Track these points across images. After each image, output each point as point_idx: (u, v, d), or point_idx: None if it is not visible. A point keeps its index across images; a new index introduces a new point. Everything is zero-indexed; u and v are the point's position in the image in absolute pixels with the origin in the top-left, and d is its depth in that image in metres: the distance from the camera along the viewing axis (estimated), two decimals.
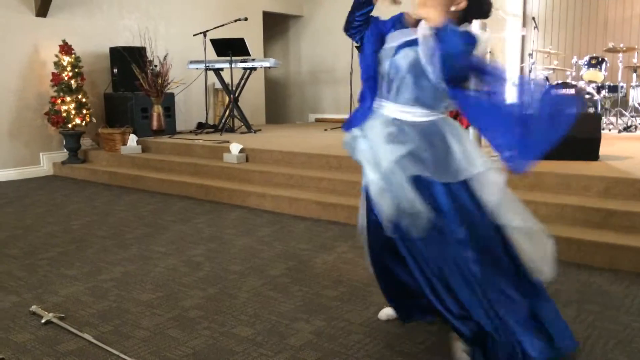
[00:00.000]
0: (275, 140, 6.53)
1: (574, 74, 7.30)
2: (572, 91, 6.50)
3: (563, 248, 3.37)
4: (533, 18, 7.96)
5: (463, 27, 2.06)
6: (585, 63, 7.12)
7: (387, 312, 2.60)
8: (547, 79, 7.31)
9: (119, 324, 2.59)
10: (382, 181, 2.11)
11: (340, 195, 4.65)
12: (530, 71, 7.50)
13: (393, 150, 2.11)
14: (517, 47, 8.39)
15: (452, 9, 2.02)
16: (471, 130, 4.68)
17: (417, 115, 2.17)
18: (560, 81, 7.05)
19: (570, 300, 2.77)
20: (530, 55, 7.55)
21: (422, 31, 2.06)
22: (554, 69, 7.35)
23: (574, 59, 7.29)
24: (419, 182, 2.09)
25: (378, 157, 2.14)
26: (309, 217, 4.57)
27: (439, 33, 1.94)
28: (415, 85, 2.12)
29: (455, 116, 4.45)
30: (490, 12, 2.16)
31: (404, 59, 2.12)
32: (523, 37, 8.26)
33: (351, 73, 7.93)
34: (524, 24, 8.19)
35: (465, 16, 2.10)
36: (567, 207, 3.63)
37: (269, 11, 9.41)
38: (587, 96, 6.62)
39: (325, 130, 7.82)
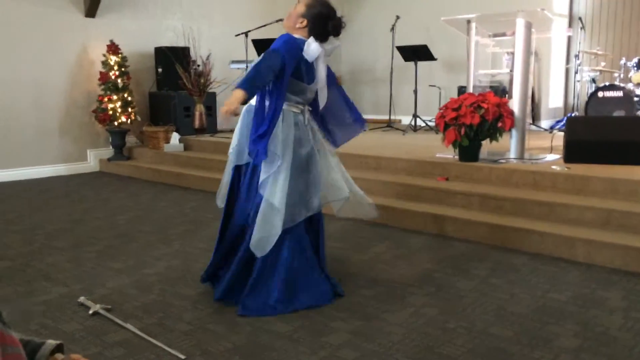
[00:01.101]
0: None
1: (622, 75, 7.07)
2: (620, 93, 6.32)
3: (610, 255, 3.29)
4: (580, 18, 7.76)
5: (311, 40, 2.73)
6: (634, 65, 6.88)
7: None
8: (594, 80, 7.12)
9: (162, 317, 2.66)
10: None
11: (376, 196, 4.61)
12: (576, 72, 7.32)
13: None
14: (562, 48, 8.20)
15: (297, 26, 2.74)
16: (513, 132, 4.61)
17: None
18: (607, 83, 6.85)
19: (616, 308, 2.70)
20: (577, 56, 7.37)
21: None
22: (601, 71, 7.15)
23: (622, 61, 7.07)
24: None
25: None
26: (344, 216, 4.57)
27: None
28: None
29: (499, 118, 4.39)
30: (339, 31, 2.79)
31: None
32: (569, 38, 8.06)
33: (391, 73, 7.90)
34: (570, 25, 7.99)
35: (315, 34, 2.73)
36: (614, 212, 3.53)
37: None
38: (635, 99, 6.42)
39: (364, 130, 7.81)
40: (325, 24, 2.73)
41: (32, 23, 6.51)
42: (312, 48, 2.70)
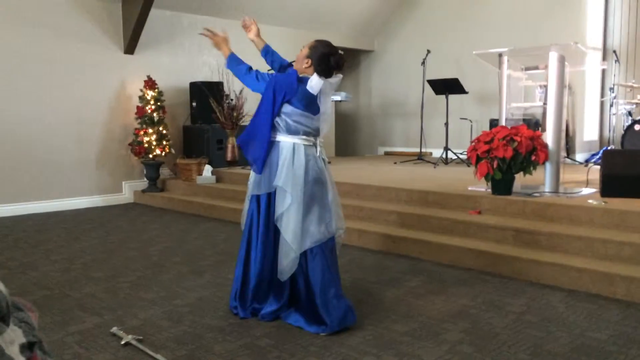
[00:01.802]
0: (345, 172, 6.59)
1: None
2: None
3: None
4: (614, 51, 7.69)
5: (313, 76, 2.98)
6: None
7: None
8: (630, 113, 7.00)
9: (193, 349, 2.66)
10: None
11: (409, 229, 4.61)
12: (611, 105, 7.22)
13: None
14: (597, 81, 8.11)
15: (304, 66, 3.03)
16: (547, 165, 4.55)
17: None
18: None
19: None
20: (612, 89, 7.28)
21: None
22: (637, 104, 7.03)
23: None
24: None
25: None
26: (377, 250, 4.55)
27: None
28: None
29: (532, 151, 4.34)
30: (341, 65, 3.05)
31: None
32: (604, 71, 7.98)
33: (422, 107, 7.92)
34: (605, 58, 7.92)
35: (319, 71, 2.98)
36: None
37: (341, 46, 9.60)
38: None
39: (395, 163, 7.82)
40: (327, 60, 3.01)
41: (74, 60, 6.78)
42: (314, 82, 2.96)
